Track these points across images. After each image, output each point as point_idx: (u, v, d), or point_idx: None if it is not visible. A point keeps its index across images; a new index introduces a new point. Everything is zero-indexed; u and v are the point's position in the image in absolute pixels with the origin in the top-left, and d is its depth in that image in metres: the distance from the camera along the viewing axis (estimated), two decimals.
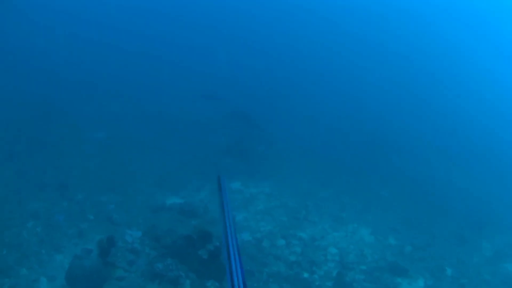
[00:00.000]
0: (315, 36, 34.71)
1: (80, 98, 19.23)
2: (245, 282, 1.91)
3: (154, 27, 31.40)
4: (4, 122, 15.60)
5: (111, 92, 20.79)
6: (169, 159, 15.33)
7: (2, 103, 16.90)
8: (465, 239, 12.92)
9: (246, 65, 27.60)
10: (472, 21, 44.48)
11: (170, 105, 20.50)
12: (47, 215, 10.87)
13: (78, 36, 27.26)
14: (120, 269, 9.04)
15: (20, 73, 20.69)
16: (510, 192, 17.68)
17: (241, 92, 23.08)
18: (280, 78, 26.82)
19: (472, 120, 25.91)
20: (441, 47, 37.84)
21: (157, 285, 8.68)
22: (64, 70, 22.30)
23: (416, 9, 42.81)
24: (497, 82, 35.65)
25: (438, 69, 33.73)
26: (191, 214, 11.78)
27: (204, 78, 24.22)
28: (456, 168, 18.96)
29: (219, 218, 2.18)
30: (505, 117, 28.20)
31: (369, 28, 37.40)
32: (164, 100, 20.99)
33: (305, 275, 9.42)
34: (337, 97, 24.72)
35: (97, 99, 19.68)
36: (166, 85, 23.08)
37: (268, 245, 10.49)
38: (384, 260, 10.90)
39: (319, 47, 33.37)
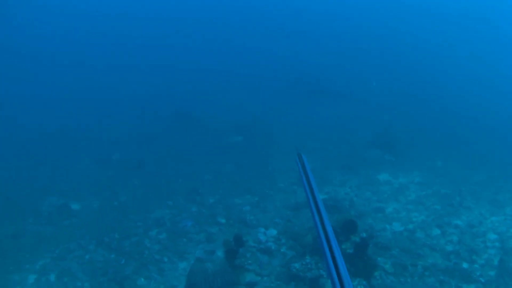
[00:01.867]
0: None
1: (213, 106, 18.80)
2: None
3: None
4: (134, 132, 15.84)
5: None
6: (311, 155, 13.24)
7: (134, 113, 17.42)
8: None
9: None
10: None
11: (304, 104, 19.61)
12: (173, 222, 9.53)
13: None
14: (251, 273, 6.92)
15: (157, 84, 21.51)
16: None
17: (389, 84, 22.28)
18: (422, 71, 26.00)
19: None
20: None
21: None
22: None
23: None
24: None
25: None
26: (335, 210, 9.42)
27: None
28: None
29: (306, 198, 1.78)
30: None
31: None
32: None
33: (465, 265, 7.95)
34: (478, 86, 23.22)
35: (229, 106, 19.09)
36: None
37: (422, 235, 8.96)
38: None
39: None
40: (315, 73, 22.61)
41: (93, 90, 22.10)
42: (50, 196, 10.95)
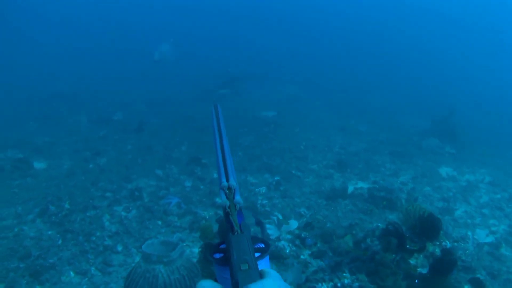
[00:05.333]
0: None
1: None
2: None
3: None
4: (150, 98, 13.87)
5: None
6: (356, 137, 10.42)
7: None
8: None
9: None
10: None
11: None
12: (154, 197, 6.68)
13: None
14: None
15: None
16: None
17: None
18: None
19: None
20: None
21: None
22: None
23: None
24: None
25: None
26: (390, 204, 6.28)
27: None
28: None
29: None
30: None
31: None
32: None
33: None
34: None
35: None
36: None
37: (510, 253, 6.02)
38: None
39: None
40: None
41: (108, 53, 20.71)
42: (11, 149, 8.48)
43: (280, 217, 5.67)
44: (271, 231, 5.24)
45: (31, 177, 7.53)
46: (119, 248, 5.24)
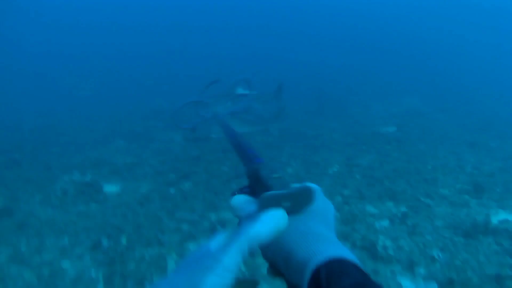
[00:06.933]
0: None
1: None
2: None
3: None
4: None
5: None
6: (488, 154, 9.14)
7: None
8: None
9: None
10: None
11: None
12: None
13: None
14: None
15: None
16: None
17: None
18: None
19: None
20: None
21: None
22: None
23: None
24: None
25: None
26: None
27: None
28: None
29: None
30: None
31: None
32: None
33: None
34: None
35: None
36: None
37: None
38: None
39: None
40: None
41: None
42: (83, 169, 8.68)
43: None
44: None
45: (96, 203, 7.10)
46: None
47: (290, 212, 0.82)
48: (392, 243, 5.46)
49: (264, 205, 0.81)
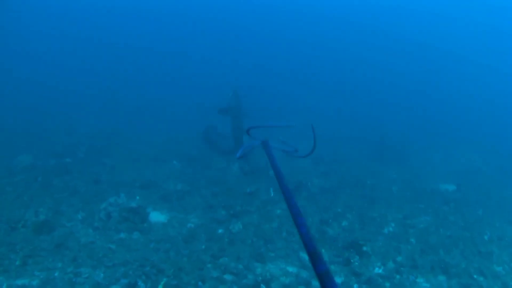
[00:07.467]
0: None
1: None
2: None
3: None
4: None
5: None
6: None
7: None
8: None
9: None
10: None
11: None
12: None
13: None
14: None
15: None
16: None
17: None
18: None
19: None
20: None
21: None
22: None
23: None
24: None
25: None
26: None
27: None
28: None
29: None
30: None
31: None
32: None
33: None
34: None
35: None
36: None
37: None
38: None
39: None
40: None
41: None
42: (131, 192, 8.50)
43: None
44: None
45: (140, 233, 6.80)
46: None
47: None
48: None
49: None
